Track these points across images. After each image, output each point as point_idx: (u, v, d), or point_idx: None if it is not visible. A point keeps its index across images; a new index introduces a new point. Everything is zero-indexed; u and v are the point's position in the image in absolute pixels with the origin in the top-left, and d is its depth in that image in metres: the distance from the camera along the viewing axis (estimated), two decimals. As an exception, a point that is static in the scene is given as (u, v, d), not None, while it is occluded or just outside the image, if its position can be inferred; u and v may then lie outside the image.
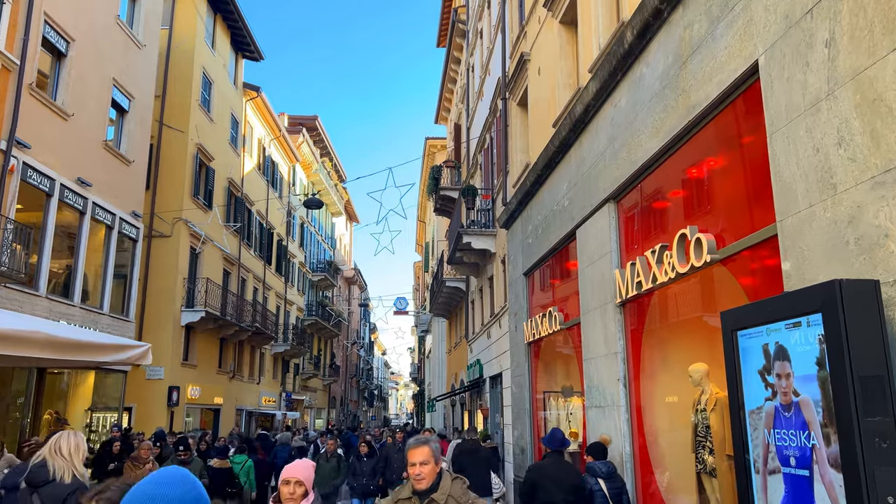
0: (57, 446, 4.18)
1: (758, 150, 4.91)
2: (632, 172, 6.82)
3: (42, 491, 4.02)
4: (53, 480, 4.05)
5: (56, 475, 4.07)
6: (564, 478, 6.23)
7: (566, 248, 9.46)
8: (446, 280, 20.96)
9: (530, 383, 11.38)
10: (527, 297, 11.62)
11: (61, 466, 4.10)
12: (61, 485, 4.02)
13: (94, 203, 14.57)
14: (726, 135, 5.43)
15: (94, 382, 15.65)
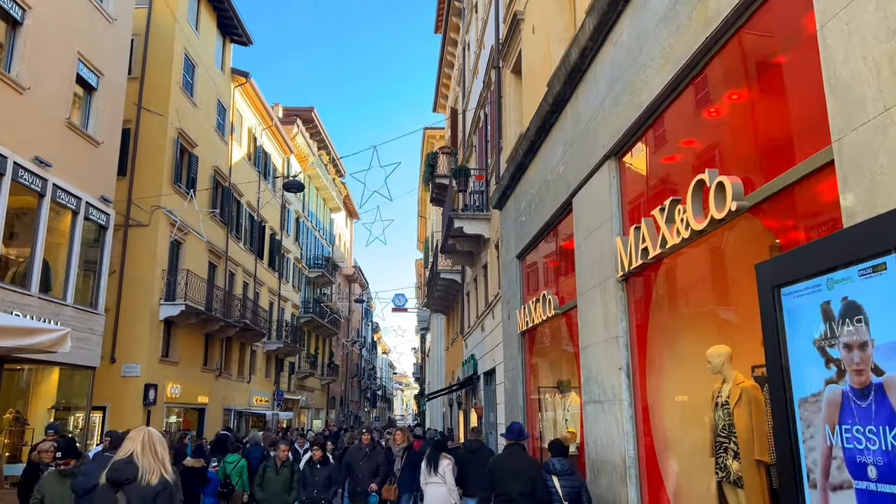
0: (152, 446, 4.00)
1: (799, 59, 3.74)
2: (635, 119, 5.66)
3: (128, 490, 3.83)
4: (139, 479, 3.86)
5: (143, 474, 3.88)
6: (521, 470, 6.26)
7: (562, 221, 8.30)
8: (441, 272, 19.81)
9: (524, 378, 10.21)
10: (520, 281, 10.46)
11: (150, 465, 3.91)
12: (149, 485, 3.85)
13: (55, 185, 13.48)
14: (755, 48, 4.26)
15: (58, 379, 14.57)
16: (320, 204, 42.31)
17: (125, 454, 3.98)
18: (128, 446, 4.03)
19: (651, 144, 5.79)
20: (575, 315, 7.77)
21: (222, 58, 24.43)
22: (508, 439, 6.79)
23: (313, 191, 39.93)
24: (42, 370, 14.32)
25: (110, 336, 17.61)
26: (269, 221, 30.06)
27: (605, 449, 6.34)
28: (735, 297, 5.13)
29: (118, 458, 3.99)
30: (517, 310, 10.21)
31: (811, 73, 3.38)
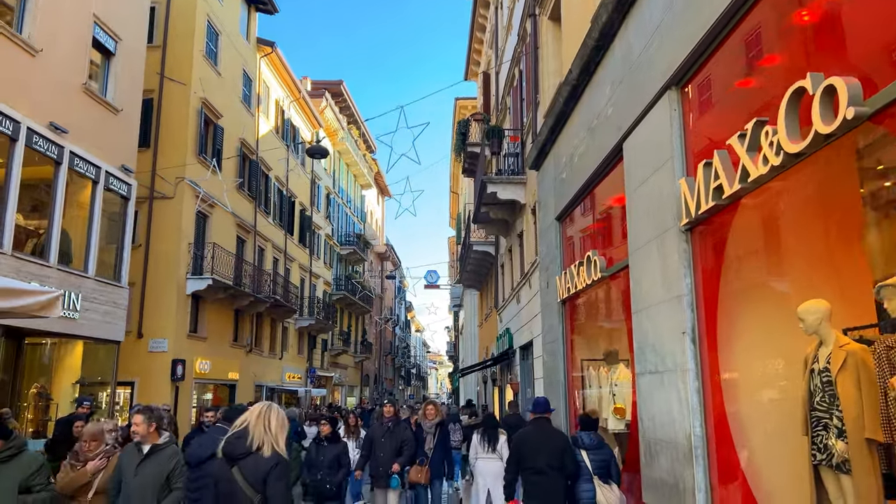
0: (267, 419, 3.85)
1: None
2: (702, 36, 4.73)
3: (243, 464, 3.71)
4: (253, 453, 3.74)
5: (256, 447, 3.75)
6: (549, 443, 6.28)
7: (609, 172, 7.40)
8: (474, 244, 18.99)
9: (565, 350, 9.37)
10: (560, 245, 9.58)
11: (262, 438, 3.77)
12: (262, 458, 3.71)
13: (73, 153, 12.98)
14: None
15: (82, 353, 14.22)
16: (351, 180, 41.74)
17: (240, 427, 3.85)
18: (244, 418, 3.91)
19: (723, 66, 4.86)
20: (625, 277, 6.90)
21: (247, 26, 23.76)
22: (534, 413, 6.76)
23: (343, 166, 39.35)
24: (65, 344, 13.98)
25: (137, 311, 17.28)
26: (299, 196, 29.54)
27: (663, 426, 5.50)
28: (830, 243, 4.22)
29: (233, 431, 3.87)
30: (557, 276, 9.36)
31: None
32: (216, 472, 3.87)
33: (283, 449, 3.84)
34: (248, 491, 3.67)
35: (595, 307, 8.48)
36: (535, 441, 6.28)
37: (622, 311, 7.16)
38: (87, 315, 13.27)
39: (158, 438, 4.88)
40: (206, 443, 5.11)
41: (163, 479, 4.75)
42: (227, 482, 3.73)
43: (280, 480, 3.71)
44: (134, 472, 4.71)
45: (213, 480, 3.90)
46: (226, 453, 3.80)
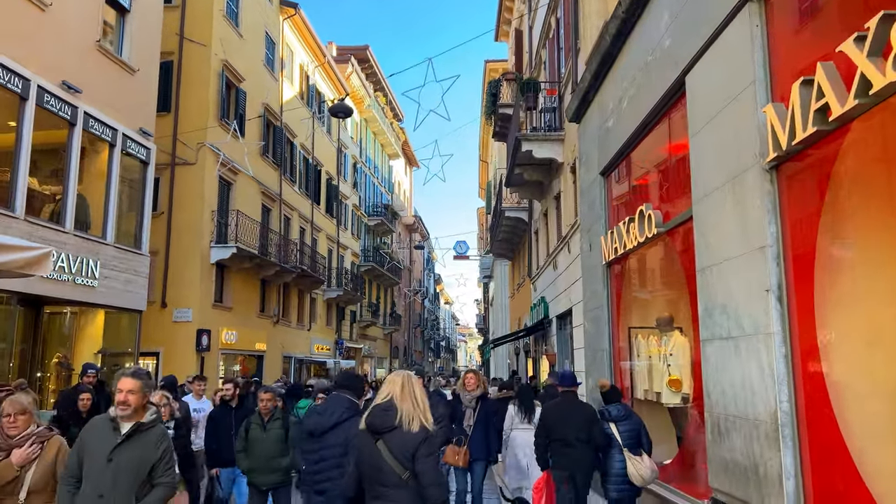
0: (412, 391, 3.70)
1: None
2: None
3: (389, 438, 3.55)
4: (400, 427, 3.57)
5: (404, 421, 3.58)
6: (577, 415, 6.33)
7: (666, 114, 6.53)
8: (506, 210, 18.16)
9: (610, 317, 8.58)
10: (605, 203, 8.73)
11: (411, 412, 3.61)
12: (409, 433, 3.55)
13: (87, 114, 12.43)
14: None
15: (104, 323, 13.83)
16: (378, 149, 40.97)
17: (384, 399, 3.68)
18: (387, 390, 3.73)
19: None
20: (685, 231, 6.08)
21: (270, -13, 22.95)
22: (561, 386, 6.80)
23: (370, 135, 38.58)
24: (86, 314, 13.59)
25: (160, 280, 16.89)
26: (325, 165, 28.90)
27: (738, 401, 4.72)
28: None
29: (378, 404, 3.69)
30: (601, 236, 8.53)
31: None
32: (359, 445, 3.67)
33: (430, 422, 3.67)
34: (395, 466, 3.50)
35: (647, 268, 7.65)
36: (562, 414, 6.34)
37: (681, 270, 6.34)
38: (107, 283, 12.83)
39: (144, 415, 3.74)
40: (328, 410, 4.61)
41: (145, 471, 3.65)
42: (372, 456, 3.56)
43: (430, 456, 3.55)
44: (107, 457, 3.57)
45: (354, 454, 3.74)
46: (371, 426, 3.62)
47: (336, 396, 4.76)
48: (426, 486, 3.46)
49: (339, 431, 4.36)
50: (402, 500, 3.48)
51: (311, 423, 4.70)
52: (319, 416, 4.65)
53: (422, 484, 3.47)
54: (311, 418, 4.77)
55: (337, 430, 4.37)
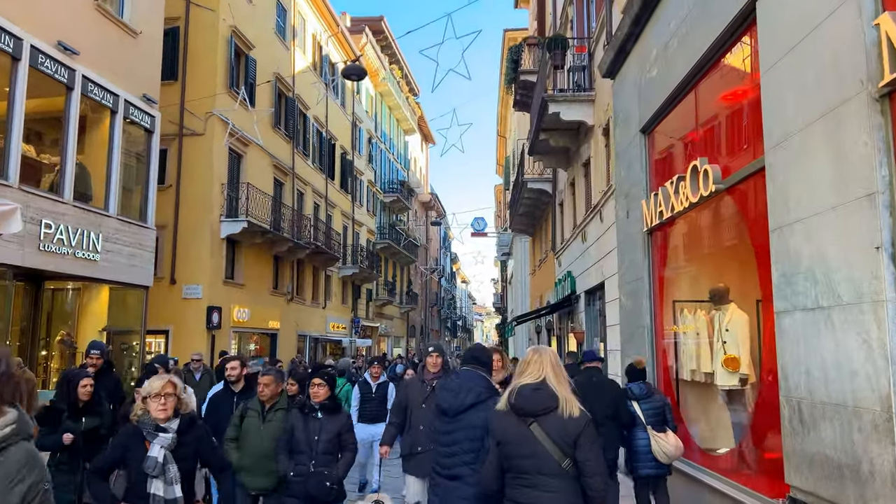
0: (553, 364, 3.34)
1: None
2: None
3: (545, 422, 3.19)
4: (558, 410, 3.20)
5: (563, 404, 3.21)
6: (603, 392, 6.31)
7: (727, 50, 5.65)
8: (528, 181, 17.27)
9: (651, 290, 7.75)
10: (646, 163, 7.86)
11: (568, 394, 3.27)
12: (571, 417, 3.19)
13: (86, 77, 11.70)
14: None
15: (108, 299, 13.23)
16: (394, 124, 40.05)
17: (534, 379, 3.34)
18: (534, 369, 3.37)
19: None
20: (753, 186, 5.23)
21: (280, -48, 22.01)
22: (587, 361, 6.82)
23: (385, 109, 37.67)
24: (89, 290, 13.00)
25: (169, 256, 16.30)
26: (340, 139, 28.09)
27: (830, 384, 3.91)
28: None
29: (526, 384, 3.33)
30: (642, 201, 7.68)
31: None
32: (503, 428, 3.31)
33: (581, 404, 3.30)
34: (555, 453, 3.17)
35: (698, 233, 6.80)
36: (589, 390, 6.01)
37: (746, 232, 5.50)
38: (110, 257, 12.20)
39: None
40: (462, 390, 4.09)
41: None
42: (524, 441, 3.22)
43: (595, 443, 3.21)
44: None
45: (493, 439, 3.37)
46: (520, 408, 3.27)
47: (468, 373, 4.23)
48: (590, 476, 3.13)
49: (478, 412, 3.91)
50: (561, 490, 3.15)
51: (445, 402, 4.16)
52: (453, 395, 4.11)
53: (585, 473, 3.14)
54: (444, 396, 4.21)
55: (475, 410, 3.93)
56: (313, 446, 4.88)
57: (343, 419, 5.13)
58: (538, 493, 3.17)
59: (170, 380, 3.74)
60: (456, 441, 4.01)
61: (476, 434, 3.85)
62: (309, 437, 4.90)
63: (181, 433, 3.68)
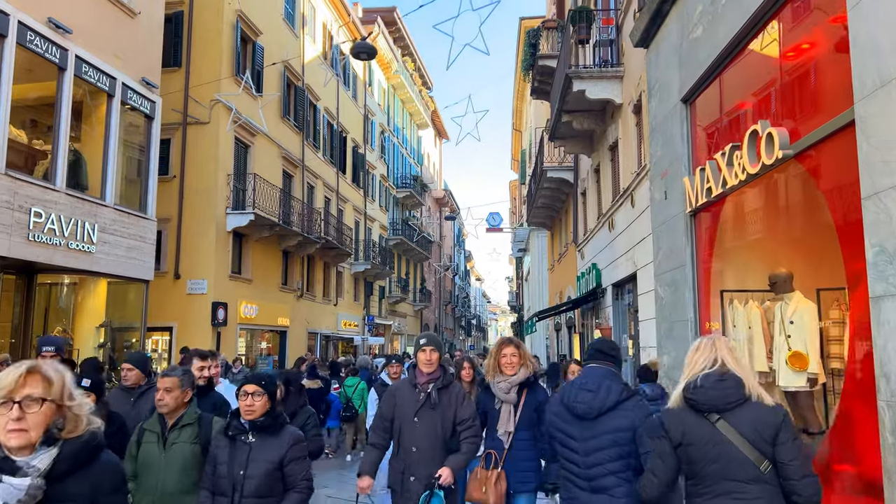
0: (729, 349, 2.87)
1: None
2: None
3: (734, 417, 2.68)
4: (750, 402, 2.70)
5: (754, 395, 2.71)
6: None
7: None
8: (547, 170, 16.43)
9: (695, 280, 6.89)
10: (688, 137, 7.01)
11: (755, 383, 2.76)
12: (765, 410, 2.69)
13: (80, 58, 11.03)
14: None
15: (106, 294, 12.58)
16: (406, 119, 39.31)
17: (711, 366, 2.82)
18: (705, 357, 2.87)
19: None
20: (832, 148, 4.39)
21: (288, -64, 21.31)
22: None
23: (398, 103, 36.92)
24: (86, 284, 12.36)
25: (173, 249, 15.64)
26: (351, 132, 27.37)
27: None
28: None
29: (706, 374, 2.82)
30: (684, 178, 6.83)
31: None
32: (693, 429, 2.79)
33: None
34: (751, 454, 2.68)
35: (755, 211, 5.95)
36: None
37: (823, 205, 4.65)
38: (107, 249, 11.53)
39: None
40: (601, 389, 3.46)
41: None
42: (710, 442, 2.74)
43: (798, 440, 2.74)
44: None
45: (659, 444, 2.90)
46: (703, 403, 2.78)
47: (598, 369, 3.63)
48: (798, 479, 2.62)
49: (624, 412, 3.37)
50: (760, 497, 2.64)
51: (585, 403, 3.47)
52: (593, 395, 3.46)
53: (790, 477, 2.63)
54: (582, 396, 3.50)
55: (620, 410, 3.37)
56: (237, 485, 3.30)
57: (288, 442, 3.39)
58: (731, 502, 2.66)
59: (33, 368, 1.90)
60: (600, 447, 3.40)
61: (624, 438, 3.32)
62: (232, 472, 3.32)
63: (57, 477, 1.88)
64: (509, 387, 4.53)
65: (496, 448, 4.49)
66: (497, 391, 4.58)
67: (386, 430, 4.22)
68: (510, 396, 4.53)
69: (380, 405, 4.47)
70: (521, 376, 4.56)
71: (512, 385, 4.53)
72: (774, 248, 5.83)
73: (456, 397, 4.25)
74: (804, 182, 4.95)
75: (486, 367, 4.78)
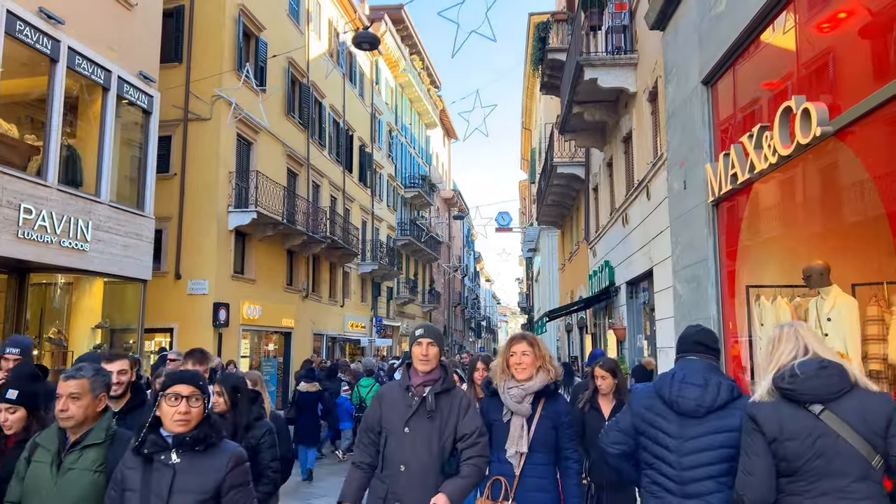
0: (815, 335, 2.75)
1: None
2: None
3: (840, 407, 2.44)
4: (856, 390, 2.47)
5: (855, 379, 2.51)
6: None
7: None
8: (557, 165, 15.94)
9: (718, 274, 6.39)
10: (710, 120, 6.51)
11: (849, 368, 2.55)
12: (875, 398, 2.46)
13: (73, 50, 10.67)
14: None
15: (103, 294, 12.21)
16: (415, 118, 38.90)
17: (803, 354, 2.59)
18: (792, 346, 2.62)
19: None
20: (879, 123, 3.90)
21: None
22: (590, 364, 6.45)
23: (406, 102, 36.53)
24: (81, 283, 11.99)
25: (174, 249, 15.28)
26: (358, 131, 26.97)
27: None
28: None
29: (803, 361, 2.55)
30: (706, 165, 6.34)
31: None
32: (792, 422, 2.51)
33: None
34: (861, 447, 2.39)
35: (787, 197, 5.45)
36: None
37: (870, 187, 4.16)
38: (101, 247, 11.15)
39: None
40: (709, 384, 3.02)
41: None
42: (817, 436, 2.46)
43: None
44: None
45: (771, 434, 2.55)
46: (806, 392, 2.51)
47: (697, 362, 3.14)
48: None
49: (735, 410, 2.92)
50: (870, 497, 2.40)
51: (693, 399, 3.00)
52: (701, 389, 2.99)
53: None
54: (689, 391, 3.02)
55: (731, 408, 2.93)
56: None
57: (227, 464, 2.61)
58: (836, 503, 2.39)
59: None
60: (702, 448, 2.97)
61: (732, 439, 2.89)
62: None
63: None
64: (523, 395, 3.58)
65: (504, 474, 3.55)
66: (507, 399, 3.59)
67: (373, 445, 3.40)
68: (523, 407, 3.56)
69: (365, 414, 3.63)
70: (539, 383, 3.60)
71: (527, 393, 3.59)
72: (806, 239, 5.33)
73: (459, 405, 3.39)
74: (845, 164, 4.46)
75: (494, 369, 3.87)
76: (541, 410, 3.61)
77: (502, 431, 3.60)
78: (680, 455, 3.02)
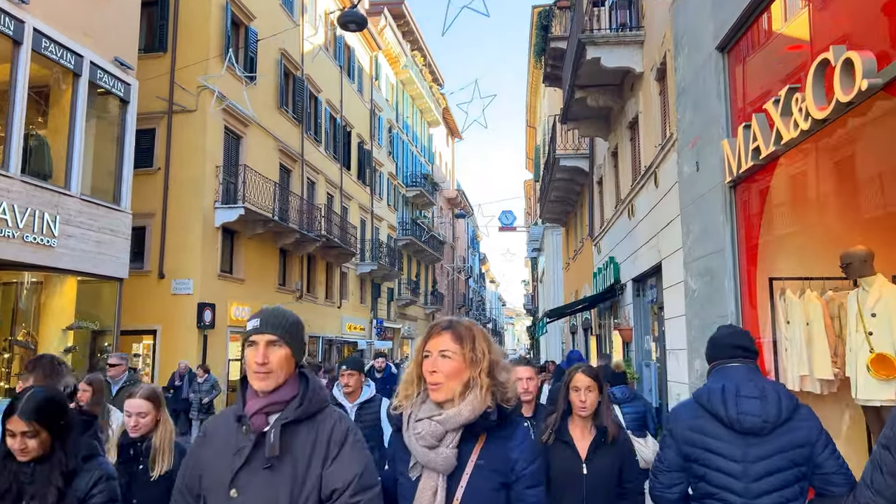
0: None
1: None
2: None
3: None
4: None
5: None
6: None
7: None
8: (560, 158, 15.17)
9: (736, 266, 5.61)
10: (726, 91, 5.73)
11: None
12: None
13: (38, 31, 9.98)
14: None
15: (76, 293, 11.52)
16: (416, 115, 38.17)
17: None
18: None
19: None
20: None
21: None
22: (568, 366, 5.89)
23: (407, 99, 35.80)
24: (52, 282, 11.29)
25: (157, 247, 14.58)
26: (356, 127, 26.25)
27: None
28: None
29: None
30: (723, 141, 5.56)
31: None
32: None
33: None
34: None
35: (819, 171, 4.68)
36: None
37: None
38: (71, 243, 10.46)
39: None
40: (768, 398, 2.58)
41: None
42: None
43: None
44: None
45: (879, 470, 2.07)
46: None
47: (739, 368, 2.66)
48: None
49: (801, 423, 2.54)
50: None
51: (755, 414, 2.54)
52: (759, 402, 2.54)
53: None
54: (745, 407, 2.56)
55: (795, 421, 2.53)
56: None
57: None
58: None
59: None
60: (774, 470, 2.52)
61: (802, 456, 2.51)
62: None
63: None
64: (440, 433, 1.96)
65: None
66: (411, 441, 2.00)
67: None
68: (440, 455, 1.94)
69: (182, 463, 2.12)
70: (469, 409, 1.98)
71: (448, 429, 1.97)
72: (842, 224, 4.56)
73: (329, 439, 1.95)
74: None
75: (401, 382, 2.24)
76: (476, 458, 1.98)
77: (408, 493, 1.99)
78: (748, 482, 2.55)
